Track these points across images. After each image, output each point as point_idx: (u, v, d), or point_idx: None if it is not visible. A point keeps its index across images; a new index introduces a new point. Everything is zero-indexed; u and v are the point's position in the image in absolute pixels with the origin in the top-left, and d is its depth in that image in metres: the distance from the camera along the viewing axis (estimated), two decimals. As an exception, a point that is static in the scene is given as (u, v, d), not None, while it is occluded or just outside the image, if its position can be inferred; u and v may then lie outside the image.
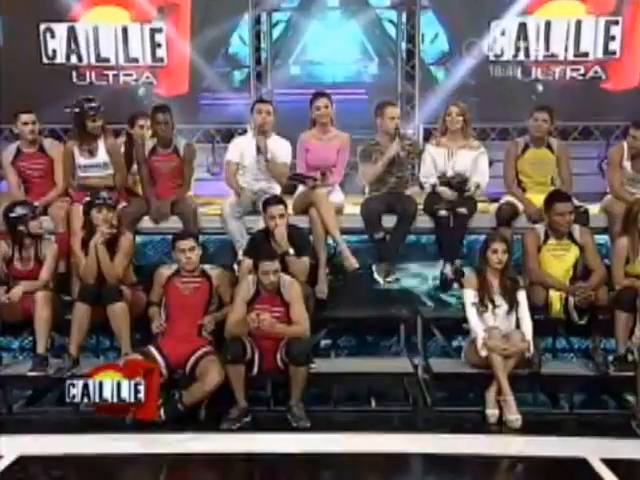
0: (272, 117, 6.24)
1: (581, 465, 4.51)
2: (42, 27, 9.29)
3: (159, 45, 9.42)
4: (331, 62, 9.97)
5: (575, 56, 9.32)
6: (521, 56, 9.35)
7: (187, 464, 4.70)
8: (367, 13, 9.93)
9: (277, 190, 6.28)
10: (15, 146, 6.42)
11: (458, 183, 6.17)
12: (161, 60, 9.48)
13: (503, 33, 9.33)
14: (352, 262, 5.98)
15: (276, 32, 9.90)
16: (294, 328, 5.21)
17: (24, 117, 6.29)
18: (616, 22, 9.21)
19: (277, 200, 5.73)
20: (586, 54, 9.32)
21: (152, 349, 5.31)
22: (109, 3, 9.45)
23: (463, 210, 6.08)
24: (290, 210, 5.95)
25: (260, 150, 6.11)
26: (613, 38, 9.23)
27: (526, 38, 9.31)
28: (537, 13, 9.30)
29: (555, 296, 5.62)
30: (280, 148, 6.23)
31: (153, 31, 9.41)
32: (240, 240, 6.09)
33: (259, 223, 5.94)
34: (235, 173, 6.27)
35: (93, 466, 4.64)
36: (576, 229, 5.74)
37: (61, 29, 9.33)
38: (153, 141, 6.37)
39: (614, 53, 9.30)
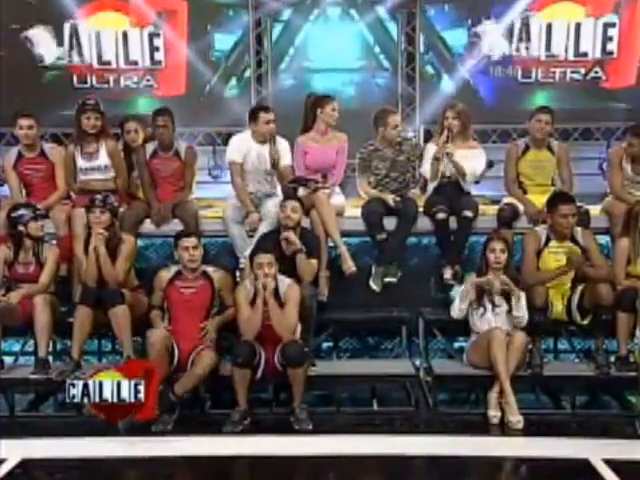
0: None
1: (583, 466, 4.51)
2: None
3: (157, 49, 9.57)
4: (330, 70, 9.93)
5: (575, 56, 9.45)
6: (523, 57, 9.48)
7: (190, 467, 4.71)
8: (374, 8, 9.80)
9: (278, 192, 6.29)
10: (16, 150, 6.42)
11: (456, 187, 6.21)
12: (159, 63, 9.60)
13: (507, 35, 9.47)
14: (350, 265, 5.99)
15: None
16: (286, 321, 5.21)
17: (20, 121, 6.29)
18: (613, 24, 9.43)
19: (293, 197, 5.83)
20: (585, 54, 9.47)
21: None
22: (110, 9, 9.58)
23: (468, 213, 6.09)
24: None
25: (275, 162, 6.11)
26: (611, 39, 9.45)
27: (529, 39, 9.42)
28: (539, 15, 9.44)
29: (557, 297, 5.63)
30: (283, 151, 6.22)
31: (152, 35, 9.57)
32: (242, 244, 6.09)
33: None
34: (241, 176, 6.19)
35: (96, 469, 4.63)
36: (578, 232, 5.73)
37: (65, 34, 9.50)
38: (154, 144, 6.37)
39: (612, 53, 9.47)
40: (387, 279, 6.07)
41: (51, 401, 5.72)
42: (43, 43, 9.46)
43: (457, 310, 5.54)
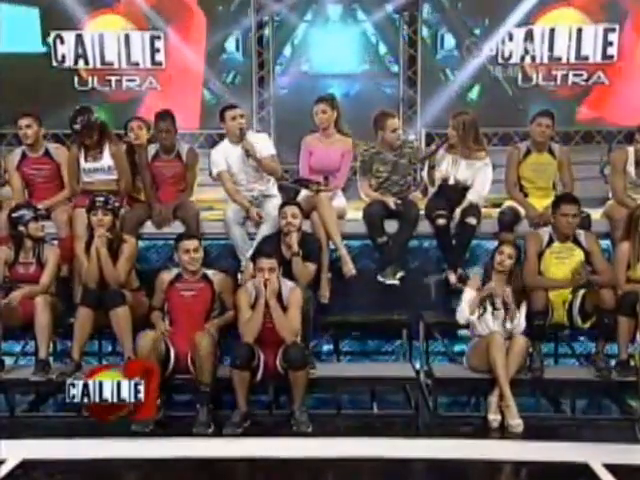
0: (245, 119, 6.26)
1: (583, 470, 4.51)
2: (52, 34, 9.61)
3: (158, 50, 9.65)
4: (332, 74, 9.88)
5: (576, 59, 9.52)
6: (527, 60, 9.54)
7: (190, 468, 4.70)
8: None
9: (274, 190, 6.30)
10: (20, 150, 6.42)
11: (457, 191, 6.19)
12: (159, 64, 9.72)
13: (511, 38, 9.51)
14: (350, 268, 6.00)
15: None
16: (289, 323, 5.21)
17: (20, 121, 6.31)
18: (613, 29, 9.51)
19: (293, 203, 5.83)
20: (586, 58, 9.53)
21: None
22: (113, 12, 9.71)
23: (472, 220, 6.07)
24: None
25: (249, 154, 6.08)
26: (611, 43, 9.55)
27: (532, 42, 9.49)
28: (541, 20, 9.51)
29: (557, 301, 5.63)
30: (262, 142, 6.22)
31: (153, 38, 9.68)
32: (243, 246, 6.09)
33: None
34: (231, 180, 6.20)
35: (96, 470, 4.64)
36: (581, 234, 5.73)
37: (70, 36, 9.61)
38: (156, 146, 6.38)
39: (612, 57, 9.57)
40: (399, 274, 6.06)
41: (51, 402, 5.72)
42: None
43: (464, 318, 5.52)
